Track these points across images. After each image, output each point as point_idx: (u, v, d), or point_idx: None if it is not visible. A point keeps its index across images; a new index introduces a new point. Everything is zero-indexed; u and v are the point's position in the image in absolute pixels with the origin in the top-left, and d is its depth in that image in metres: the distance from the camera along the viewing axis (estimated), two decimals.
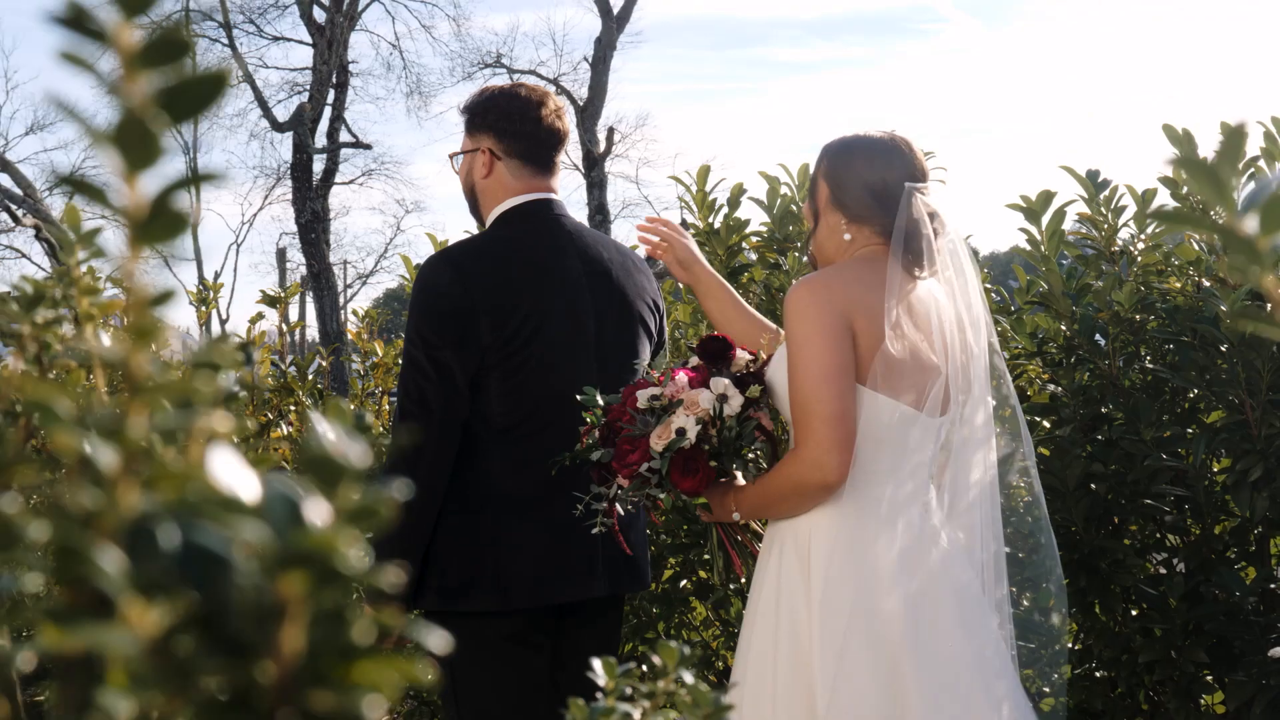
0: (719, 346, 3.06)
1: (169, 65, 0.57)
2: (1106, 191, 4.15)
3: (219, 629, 0.53)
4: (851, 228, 3.02)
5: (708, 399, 2.93)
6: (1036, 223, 4.15)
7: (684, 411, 2.93)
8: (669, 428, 2.92)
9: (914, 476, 2.95)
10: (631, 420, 2.97)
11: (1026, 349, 4.27)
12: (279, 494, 0.55)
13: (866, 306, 2.88)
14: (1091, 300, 4.07)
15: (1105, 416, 4.06)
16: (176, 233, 0.58)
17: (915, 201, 2.96)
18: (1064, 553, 4.03)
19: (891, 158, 3.00)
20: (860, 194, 2.99)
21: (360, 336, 5.77)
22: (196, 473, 0.55)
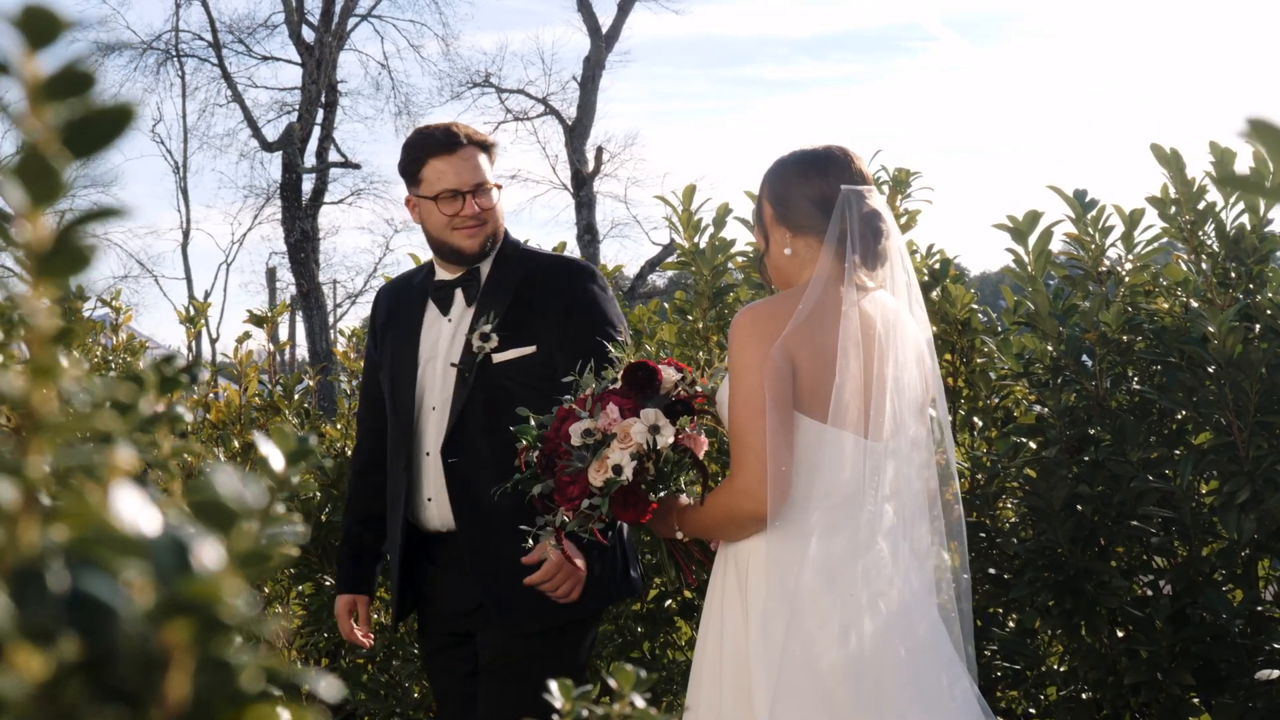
0: (643, 375, 3.03)
1: (75, 98, 0.56)
2: (1094, 212, 4.14)
3: (105, 676, 0.52)
4: (796, 241, 3.02)
5: (640, 432, 2.92)
6: (1023, 243, 4.14)
7: (619, 445, 2.92)
8: (605, 464, 2.92)
9: (852, 502, 2.92)
10: (567, 454, 2.97)
11: (1013, 369, 4.26)
12: (167, 538, 0.54)
13: (809, 339, 2.88)
14: (1078, 321, 4.06)
15: (1092, 438, 4.04)
16: (79, 269, 0.58)
17: (854, 202, 2.96)
18: (1050, 574, 4.01)
19: (828, 166, 3.01)
20: (800, 204, 3.01)
21: (348, 356, 5.74)
22: (98, 513, 0.54)
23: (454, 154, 3.65)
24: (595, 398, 3.00)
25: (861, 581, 2.86)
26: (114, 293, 5.80)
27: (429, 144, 3.67)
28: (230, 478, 0.57)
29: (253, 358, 5.62)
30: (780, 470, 2.83)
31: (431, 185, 3.65)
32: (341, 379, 5.72)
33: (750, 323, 2.88)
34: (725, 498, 2.91)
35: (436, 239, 3.69)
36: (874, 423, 2.91)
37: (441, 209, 3.63)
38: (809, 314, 2.89)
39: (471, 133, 3.71)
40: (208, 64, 29.61)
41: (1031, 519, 4.16)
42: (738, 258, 4.84)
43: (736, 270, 4.90)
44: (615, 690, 0.99)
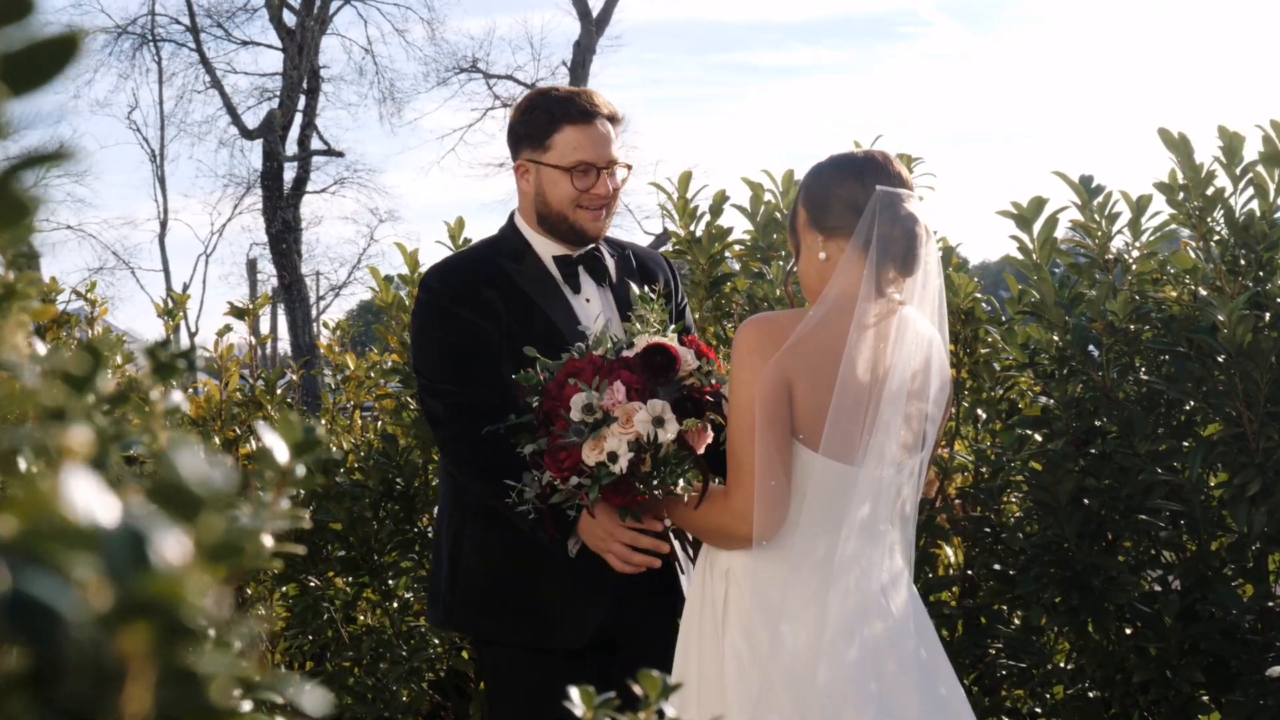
0: (661, 361, 2.96)
1: (10, 25, 0.51)
2: (1100, 198, 4.14)
3: (52, 690, 0.47)
4: (829, 244, 2.97)
5: (643, 421, 2.87)
6: (1028, 230, 4.14)
7: (619, 429, 2.87)
8: (601, 445, 2.89)
9: (840, 530, 2.91)
10: (565, 421, 2.92)
11: (1018, 360, 4.26)
12: (123, 529, 0.49)
13: (811, 369, 2.84)
14: (1085, 310, 4.06)
15: (1099, 430, 4.05)
16: (21, 219, 0.52)
17: (888, 204, 2.92)
18: (1056, 570, 4.02)
19: (864, 169, 2.97)
20: (836, 208, 2.96)
21: (332, 349, 5.74)
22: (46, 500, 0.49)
23: (592, 124, 3.48)
24: (605, 366, 2.95)
25: (840, 608, 2.87)
26: (89, 285, 5.79)
27: (565, 108, 3.48)
28: (195, 458, 0.53)
29: (233, 352, 5.61)
30: (769, 487, 2.83)
31: (563, 154, 3.46)
32: (325, 373, 5.70)
33: (753, 337, 2.86)
34: (719, 515, 2.92)
35: (556, 213, 3.48)
36: (871, 454, 2.89)
37: (576, 183, 3.46)
38: (811, 333, 2.84)
39: (605, 103, 3.55)
40: (185, 49, 29.54)
41: (1037, 513, 4.17)
42: (735, 246, 4.84)
43: (734, 259, 4.90)
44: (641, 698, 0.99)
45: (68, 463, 0.53)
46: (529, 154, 3.51)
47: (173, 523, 0.51)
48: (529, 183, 3.53)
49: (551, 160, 3.47)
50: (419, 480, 4.91)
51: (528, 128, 3.51)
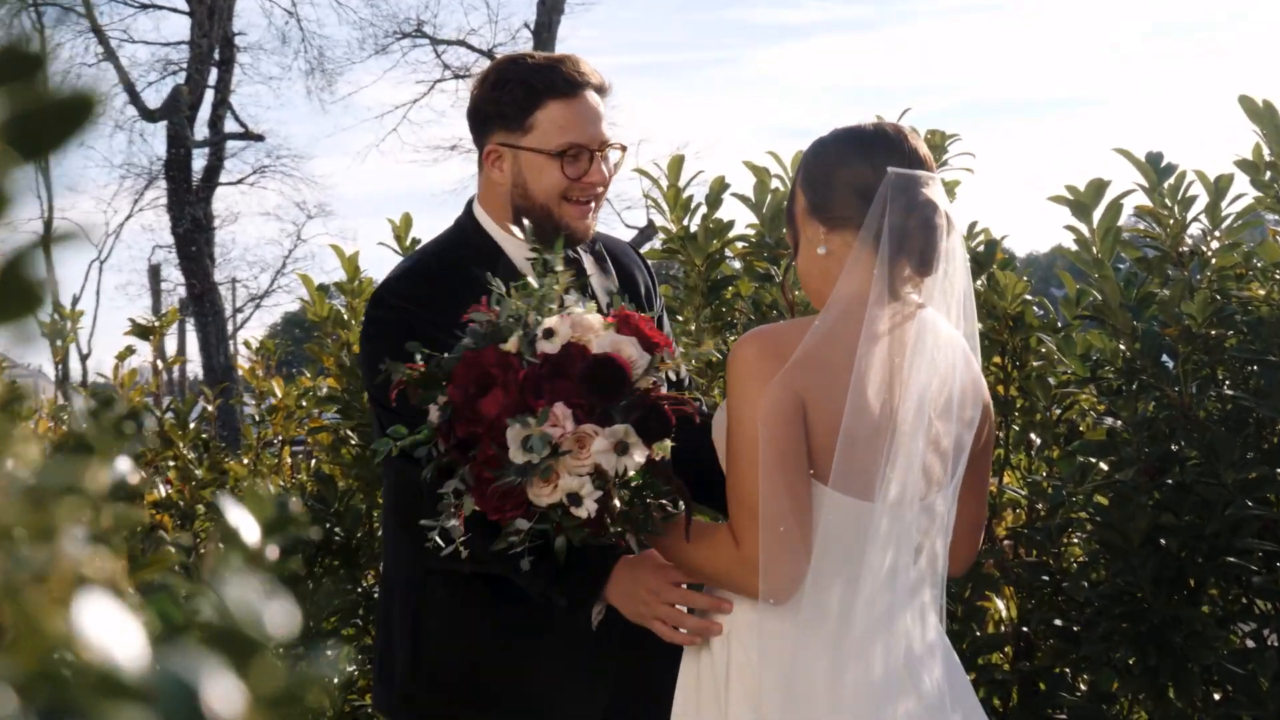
0: (609, 379, 2.80)
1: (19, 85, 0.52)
2: (1172, 179, 4.15)
3: None
4: (831, 237, 2.94)
5: (603, 451, 2.72)
6: (1087, 219, 4.15)
7: (572, 461, 2.72)
8: (554, 485, 2.73)
9: (861, 580, 2.90)
10: (496, 461, 2.75)
11: (1077, 374, 4.27)
12: (171, 677, 0.49)
13: (824, 386, 2.81)
14: (1156, 313, 4.07)
15: (1176, 455, 4.05)
16: (31, 310, 0.54)
17: (902, 189, 2.90)
18: (1129, 625, 4.02)
19: (874, 146, 2.94)
20: (839, 191, 2.94)
21: (254, 373, 5.73)
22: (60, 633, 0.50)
23: (580, 97, 3.41)
24: (531, 379, 2.77)
25: (861, 681, 2.87)
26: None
27: (547, 79, 3.40)
28: (248, 593, 0.53)
29: (136, 378, 5.61)
30: (777, 534, 2.81)
31: (548, 136, 3.39)
32: (247, 401, 5.70)
33: (753, 356, 2.83)
34: (727, 564, 2.88)
35: (540, 206, 3.41)
36: (890, 488, 2.87)
37: (566, 169, 3.39)
38: (818, 345, 2.82)
39: (592, 70, 3.47)
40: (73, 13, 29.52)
41: (1104, 557, 4.17)
42: (737, 243, 4.84)
43: (736, 259, 4.90)
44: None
45: (84, 589, 0.53)
46: (503, 136, 3.43)
47: (226, 669, 0.51)
48: (503, 171, 3.45)
49: (533, 144, 3.39)
50: (362, 530, 4.90)
51: (500, 104, 3.43)
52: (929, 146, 4.59)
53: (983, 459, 3.13)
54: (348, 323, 5.08)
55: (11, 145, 0.52)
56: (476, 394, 2.77)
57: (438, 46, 30.70)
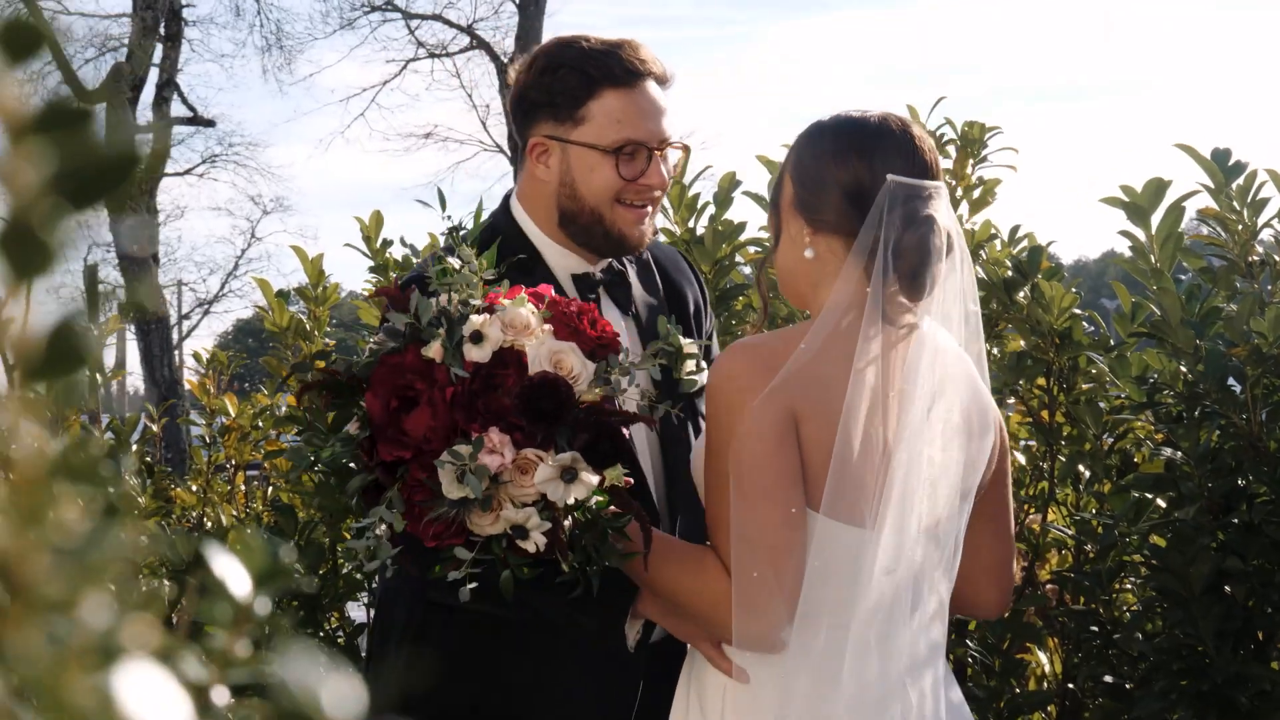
0: (551, 407, 2.73)
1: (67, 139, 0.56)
2: (1241, 179, 4.15)
3: None
4: (816, 240, 2.94)
5: (547, 479, 2.66)
6: (1144, 223, 4.15)
7: (516, 490, 2.66)
8: (496, 515, 2.67)
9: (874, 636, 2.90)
10: (427, 489, 2.68)
11: (1132, 398, 4.26)
12: None
13: (819, 402, 2.81)
14: (1222, 330, 4.07)
15: (1243, 491, 4.05)
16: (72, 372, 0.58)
17: (901, 200, 2.89)
18: (1189, 682, 4.02)
19: (876, 144, 2.92)
20: (829, 191, 2.93)
21: (204, 389, 5.72)
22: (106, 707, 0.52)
23: (639, 87, 3.37)
24: (461, 395, 2.72)
25: None
26: None
27: (604, 66, 3.35)
28: (312, 674, 0.56)
29: None
30: (797, 574, 2.80)
31: (603, 129, 3.35)
32: (195, 420, 5.69)
33: (743, 370, 2.84)
34: (716, 597, 2.86)
35: (590, 209, 3.38)
36: (889, 515, 2.87)
37: (621, 169, 3.34)
38: (813, 356, 2.84)
39: (653, 58, 3.42)
40: None
41: (1161, 605, 4.17)
42: (749, 248, 4.84)
43: (747, 265, 4.91)
44: None
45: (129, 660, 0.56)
46: (551, 128, 3.39)
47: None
48: (549, 168, 3.40)
49: (586, 138, 3.35)
50: (325, 566, 4.90)
51: (549, 92, 3.39)
52: (966, 140, 4.64)
53: (998, 489, 3.13)
54: (311, 333, 5.08)
55: (62, 196, 0.56)
56: (399, 409, 2.72)
57: (411, 21, 30.78)
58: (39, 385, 0.56)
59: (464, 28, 30.10)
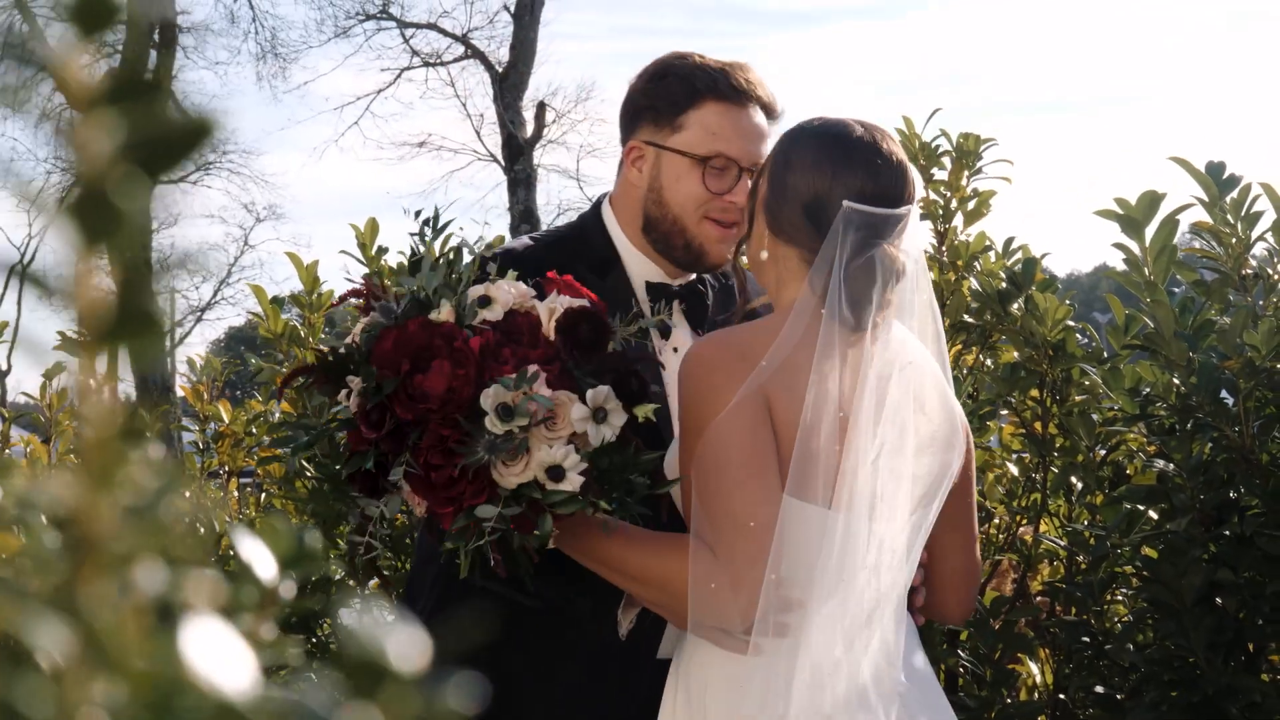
0: (589, 333, 2.77)
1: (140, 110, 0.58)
2: (1235, 192, 4.15)
3: None
4: (776, 246, 2.97)
5: (581, 418, 2.68)
6: (1138, 236, 4.16)
7: (545, 432, 2.66)
8: (525, 462, 2.65)
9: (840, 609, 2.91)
10: (457, 434, 2.66)
11: (1125, 411, 4.27)
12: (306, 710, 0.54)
13: (789, 387, 2.85)
14: (1215, 343, 4.07)
15: (1235, 504, 4.06)
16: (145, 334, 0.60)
17: (855, 227, 2.89)
18: (1180, 693, 4.02)
19: (841, 160, 2.92)
20: (790, 202, 2.94)
21: (197, 395, 5.72)
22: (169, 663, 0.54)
23: (745, 108, 3.39)
24: (491, 346, 2.72)
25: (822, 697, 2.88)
26: None
27: (712, 80, 3.38)
28: (373, 622, 0.58)
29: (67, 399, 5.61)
30: (756, 556, 2.81)
31: (698, 138, 3.38)
32: (188, 426, 5.69)
33: (717, 357, 2.86)
34: (701, 577, 2.83)
35: (672, 219, 3.39)
36: (857, 497, 2.88)
37: (709, 181, 3.35)
38: (792, 363, 2.84)
39: (761, 83, 3.45)
40: None
41: (1153, 617, 4.18)
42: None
43: None
44: None
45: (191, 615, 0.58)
46: (650, 133, 3.42)
47: (357, 700, 0.57)
48: (641, 172, 3.43)
49: (680, 144, 3.38)
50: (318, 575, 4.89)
51: (653, 97, 3.43)
52: (961, 151, 4.64)
53: (964, 497, 3.14)
54: (305, 340, 5.08)
55: (135, 164, 0.58)
56: (411, 371, 2.71)
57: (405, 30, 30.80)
58: (110, 347, 0.60)
59: (458, 37, 30.11)
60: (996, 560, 4.86)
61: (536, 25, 28.08)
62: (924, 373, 3.00)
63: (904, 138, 4.70)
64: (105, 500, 0.59)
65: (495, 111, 28.52)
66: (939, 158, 4.69)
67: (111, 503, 0.59)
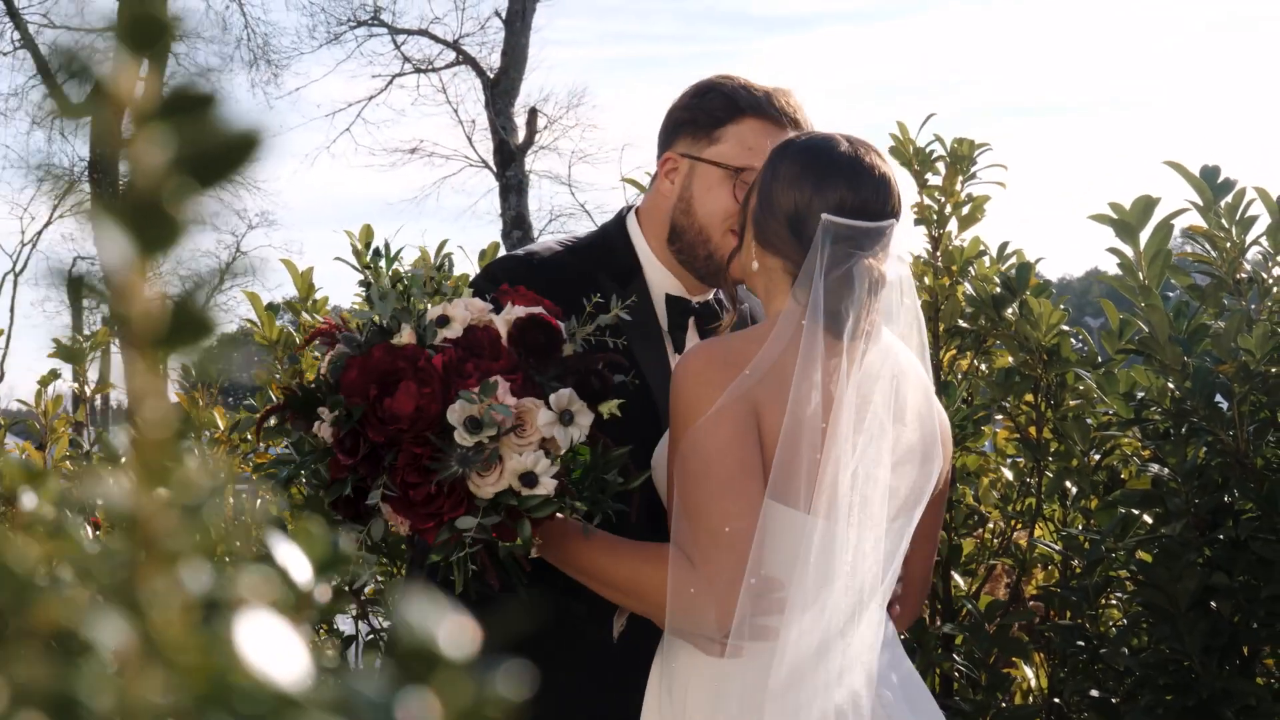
0: (543, 339, 2.82)
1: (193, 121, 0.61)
2: (1230, 196, 4.16)
3: None
4: (763, 255, 3.04)
5: (549, 423, 2.70)
6: (1132, 241, 4.16)
7: (515, 440, 2.69)
8: (498, 471, 2.68)
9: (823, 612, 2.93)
10: (430, 451, 2.69)
11: (1120, 415, 4.28)
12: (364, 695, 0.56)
13: (777, 396, 2.88)
14: (1209, 347, 4.08)
15: (1229, 508, 4.06)
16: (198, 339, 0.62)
17: (832, 239, 2.92)
18: (1174, 697, 4.02)
19: (824, 175, 2.98)
20: (775, 214, 3.00)
21: (191, 401, 5.71)
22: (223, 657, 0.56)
23: (779, 126, 3.41)
24: (453, 363, 2.74)
25: None
26: None
27: (753, 99, 3.43)
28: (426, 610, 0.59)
29: (62, 405, 5.60)
30: (739, 563, 2.83)
31: (733, 151, 3.42)
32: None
33: (705, 366, 2.89)
34: (684, 591, 2.86)
35: (698, 229, 3.42)
36: (838, 504, 2.90)
37: (739, 194, 3.35)
38: (771, 360, 2.89)
39: (799, 106, 3.49)
40: None
41: (1147, 621, 4.18)
42: None
43: None
44: None
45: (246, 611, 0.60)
46: (686, 146, 3.46)
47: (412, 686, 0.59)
48: (673, 184, 3.47)
49: (715, 156, 3.42)
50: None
51: (694, 111, 3.47)
52: (955, 157, 4.64)
53: (935, 507, 3.18)
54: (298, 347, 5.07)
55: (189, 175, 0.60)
56: (380, 395, 2.73)
57: (397, 37, 30.77)
58: (165, 354, 0.60)
59: (450, 43, 30.10)
60: (991, 565, 4.87)
61: (528, 31, 28.08)
62: (906, 383, 3.03)
63: (898, 143, 4.71)
64: (161, 499, 0.60)
65: (487, 117, 28.51)
66: (933, 163, 4.70)
67: (167, 502, 0.60)
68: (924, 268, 4.74)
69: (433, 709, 0.58)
